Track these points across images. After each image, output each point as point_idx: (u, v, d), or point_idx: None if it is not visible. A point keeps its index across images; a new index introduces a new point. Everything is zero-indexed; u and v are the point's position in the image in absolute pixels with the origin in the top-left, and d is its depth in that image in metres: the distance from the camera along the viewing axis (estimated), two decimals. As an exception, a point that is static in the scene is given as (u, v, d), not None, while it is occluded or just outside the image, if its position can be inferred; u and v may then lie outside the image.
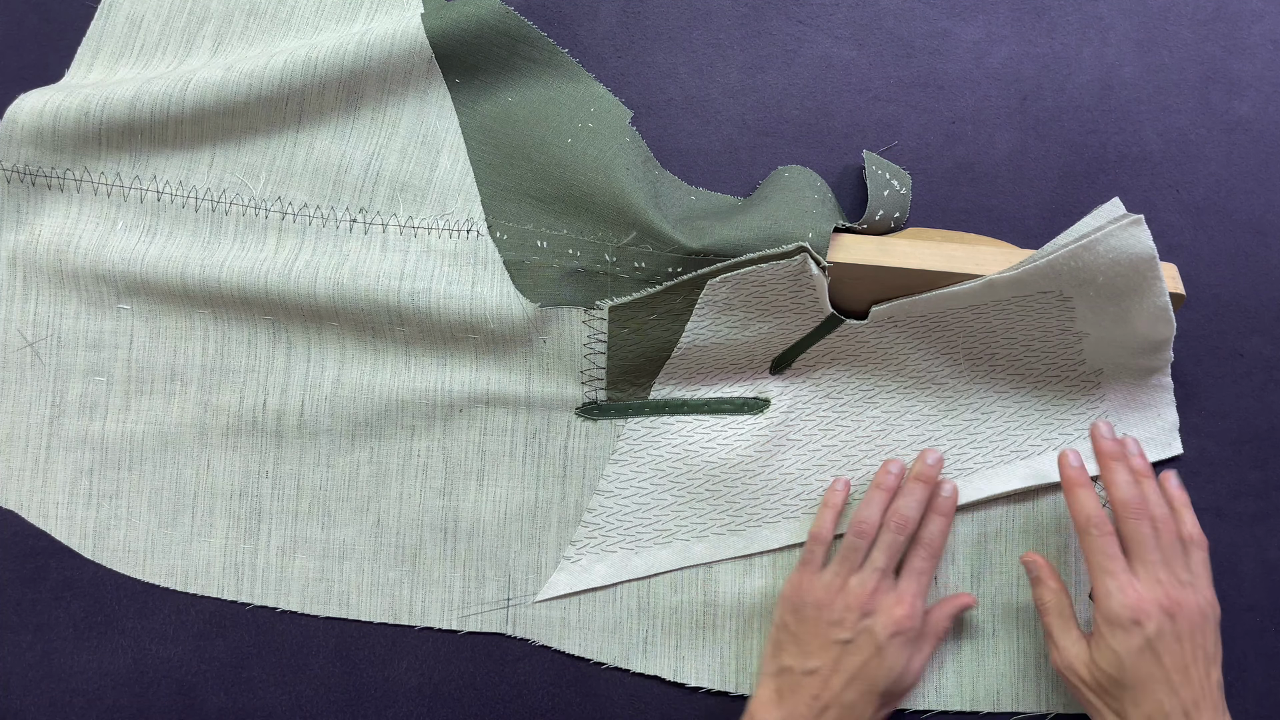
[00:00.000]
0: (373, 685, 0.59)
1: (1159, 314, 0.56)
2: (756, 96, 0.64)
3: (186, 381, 0.60)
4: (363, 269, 0.58)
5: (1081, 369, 0.60)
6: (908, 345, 0.60)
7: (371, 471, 0.60)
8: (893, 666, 0.54)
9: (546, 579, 0.60)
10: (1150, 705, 0.50)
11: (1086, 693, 0.52)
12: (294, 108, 0.59)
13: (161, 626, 0.59)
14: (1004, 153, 0.64)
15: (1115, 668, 0.50)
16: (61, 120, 0.57)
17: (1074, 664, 0.53)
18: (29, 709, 0.58)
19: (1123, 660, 0.50)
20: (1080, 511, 0.54)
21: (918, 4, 0.65)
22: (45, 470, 0.60)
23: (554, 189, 0.59)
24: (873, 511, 0.57)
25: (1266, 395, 0.64)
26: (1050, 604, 0.55)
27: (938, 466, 0.59)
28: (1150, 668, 0.50)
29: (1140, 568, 0.52)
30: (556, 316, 0.59)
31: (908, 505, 0.57)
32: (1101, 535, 0.53)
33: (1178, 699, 0.49)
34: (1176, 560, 0.52)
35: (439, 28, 0.59)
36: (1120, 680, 0.50)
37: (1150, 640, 0.50)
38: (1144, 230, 0.53)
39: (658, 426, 0.61)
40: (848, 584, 0.55)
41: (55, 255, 0.59)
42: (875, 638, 0.54)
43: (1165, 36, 0.66)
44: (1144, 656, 0.50)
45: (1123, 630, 0.50)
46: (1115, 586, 0.51)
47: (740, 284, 0.56)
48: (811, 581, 0.56)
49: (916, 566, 0.57)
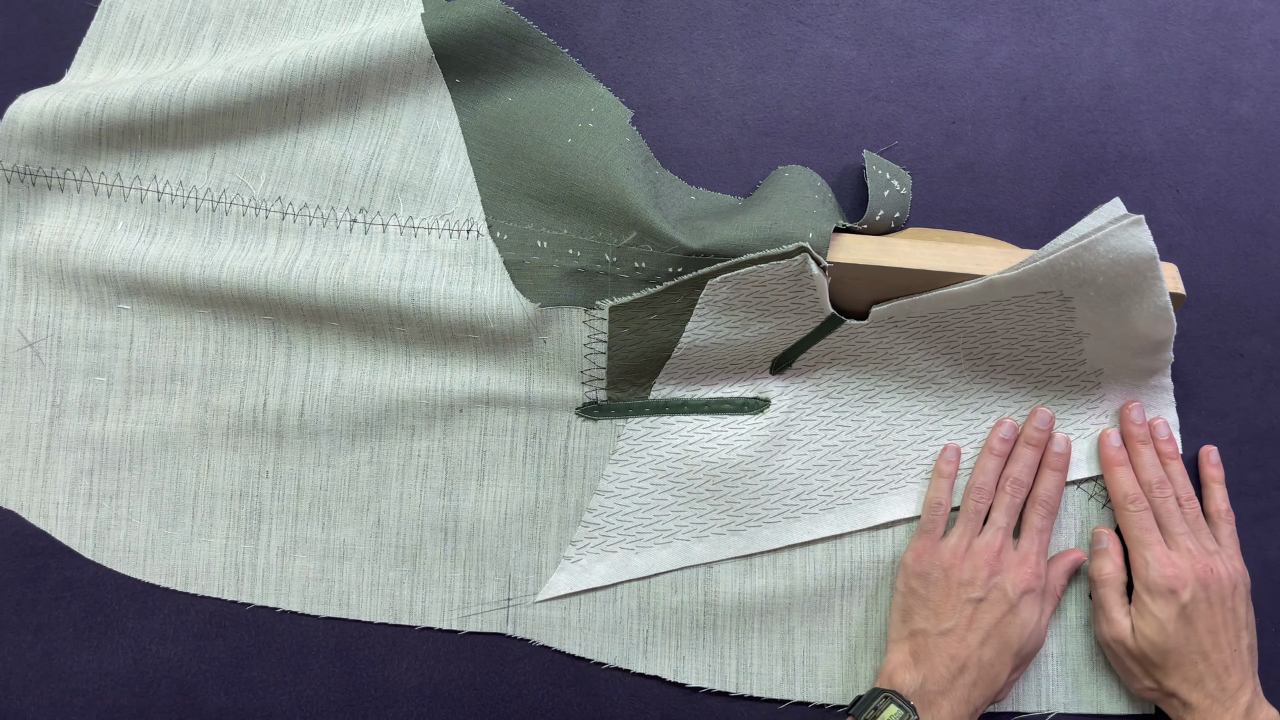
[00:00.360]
0: (373, 685, 0.59)
1: (1159, 314, 0.56)
2: (756, 96, 0.64)
3: (187, 381, 0.60)
4: (363, 269, 0.58)
5: (1082, 369, 0.60)
6: (908, 345, 0.60)
7: (372, 471, 0.60)
8: (1026, 622, 0.55)
9: (547, 579, 0.60)
10: (1186, 669, 0.53)
11: (1130, 662, 0.56)
12: (294, 108, 0.59)
13: (161, 626, 0.59)
14: (1004, 153, 0.64)
15: (1159, 634, 0.54)
16: (61, 120, 0.57)
17: (1122, 635, 0.56)
18: (29, 709, 0.58)
19: (1164, 626, 0.53)
20: (1118, 489, 0.58)
21: (918, 4, 0.65)
22: (45, 470, 0.60)
23: (554, 189, 0.59)
24: (988, 478, 0.59)
25: (1266, 395, 0.64)
26: (1110, 577, 0.57)
27: (1048, 428, 0.60)
28: (1186, 633, 0.53)
29: (1170, 540, 0.56)
30: (556, 316, 0.59)
31: (1020, 470, 0.59)
32: (1138, 510, 0.57)
33: (1209, 663, 0.53)
34: (1203, 532, 0.58)
35: (439, 28, 0.59)
36: (1162, 647, 0.54)
37: (1185, 607, 0.53)
38: (1144, 230, 0.53)
39: (658, 426, 0.61)
40: (972, 545, 0.57)
41: (55, 255, 0.59)
42: (1007, 595, 0.55)
43: (1165, 36, 0.66)
44: (1181, 623, 0.53)
45: (1162, 598, 0.54)
46: (1152, 557, 0.55)
47: (740, 284, 0.56)
48: (935, 547, 0.57)
49: (1035, 524, 0.58)
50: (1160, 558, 0.55)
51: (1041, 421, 0.59)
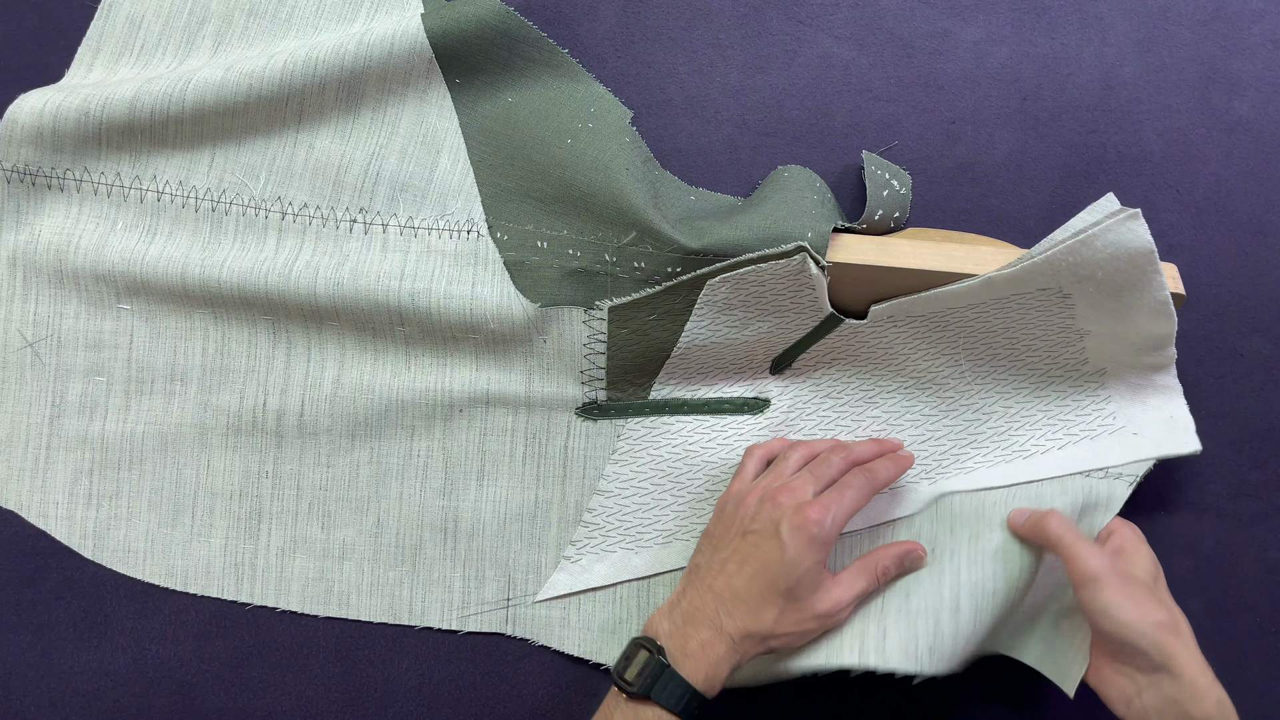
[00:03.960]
0: (373, 685, 0.59)
1: (1159, 308, 0.55)
2: (756, 96, 0.64)
3: (186, 381, 0.60)
4: (363, 269, 0.58)
5: (1084, 368, 0.60)
6: (908, 345, 0.60)
7: (371, 471, 0.60)
8: (794, 562, 0.49)
9: (546, 579, 0.60)
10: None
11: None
12: (294, 108, 0.59)
13: (161, 626, 0.59)
14: (1004, 153, 0.64)
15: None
16: (61, 120, 0.57)
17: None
18: (29, 709, 0.58)
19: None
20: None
21: (918, 4, 0.65)
22: (45, 470, 0.60)
23: (554, 189, 0.59)
24: (821, 444, 0.56)
25: (1266, 395, 0.64)
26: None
27: (900, 448, 0.57)
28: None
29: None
30: (556, 316, 0.59)
31: (861, 448, 0.56)
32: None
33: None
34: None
35: (439, 28, 0.59)
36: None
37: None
38: (1141, 224, 0.53)
39: (658, 426, 0.61)
40: (769, 484, 0.53)
41: (55, 255, 0.59)
42: (778, 529, 0.50)
43: (1165, 36, 0.66)
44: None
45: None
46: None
47: (740, 284, 0.56)
48: (738, 484, 0.55)
49: (848, 482, 0.53)
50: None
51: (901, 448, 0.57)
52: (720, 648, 0.49)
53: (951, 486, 0.61)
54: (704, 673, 0.49)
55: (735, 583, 0.50)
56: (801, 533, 0.50)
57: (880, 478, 0.54)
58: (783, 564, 0.50)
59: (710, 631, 0.50)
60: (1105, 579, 0.47)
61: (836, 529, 0.51)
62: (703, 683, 0.49)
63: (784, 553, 0.50)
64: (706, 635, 0.50)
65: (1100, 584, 0.47)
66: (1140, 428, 0.60)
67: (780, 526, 0.50)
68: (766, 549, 0.50)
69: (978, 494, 0.60)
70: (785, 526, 0.50)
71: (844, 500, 0.52)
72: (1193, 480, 0.63)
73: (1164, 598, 0.51)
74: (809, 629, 0.51)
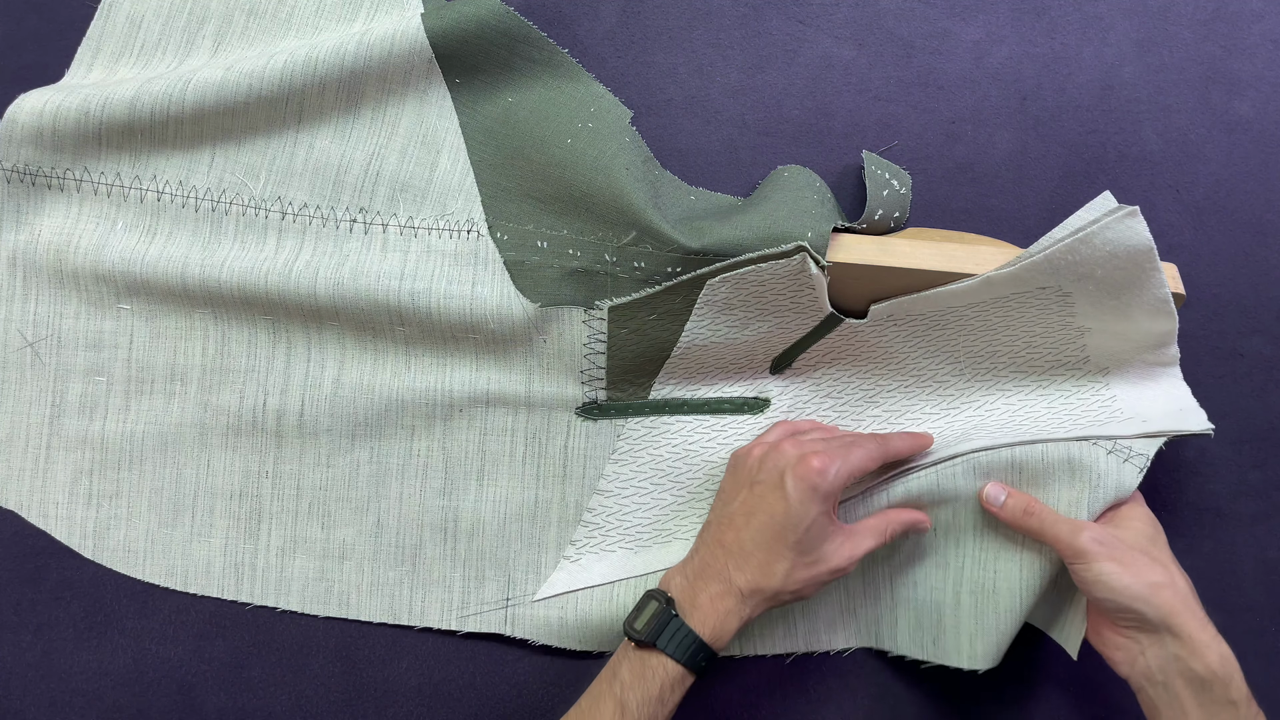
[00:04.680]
0: (373, 685, 0.59)
1: (1159, 306, 0.55)
2: (756, 96, 0.64)
3: (186, 381, 0.60)
4: (363, 269, 0.58)
5: (1086, 365, 0.60)
6: (908, 344, 0.60)
7: (371, 471, 0.60)
8: (798, 514, 0.50)
9: (546, 579, 0.60)
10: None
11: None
12: (294, 108, 0.59)
13: (161, 626, 0.59)
14: (1004, 153, 0.64)
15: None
16: (61, 120, 0.57)
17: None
18: (29, 709, 0.58)
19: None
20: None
21: (918, 4, 0.65)
22: (45, 470, 0.60)
23: (554, 189, 0.59)
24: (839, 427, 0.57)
25: (1266, 395, 0.64)
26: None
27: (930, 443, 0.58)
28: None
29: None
30: (556, 316, 0.59)
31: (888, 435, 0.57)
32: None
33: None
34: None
35: (439, 28, 0.59)
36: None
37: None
38: (1140, 222, 0.52)
39: (658, 426, 0.61)
40: (780, 440, 0.54)
41: (55, 255, 0.59)
42: (782, 476, 0.51)
43: (1165, 36, 0.66)
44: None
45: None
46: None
47: (739, 284, 0.56)
48: (751, 444, 0.56)
49: (859, 443, 0.53)
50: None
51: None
52: (729, 601, 0.50)
53: (957, 450, 0.58)
54: (711, 625, 0.49)
55: (743, 536, 0.51)
56: (804, 482, 0.50)
57: (893, 445, 0.55)
58: (788, 516, 0.50)
59: (720, 585, 0.50)
60: (1092, 551, 0.49)
61: (841, 481, 0.51)
62: (710, 635, 0.49)
63: (788, 504, 0.50)
64: (716, 589, 0.50)
65: (1089, 557, 0.49)
66: (1149, 417, 0.58)
67: (785, 476, 0.51)
68: (771, 500, 0.51)
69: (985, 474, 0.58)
70: (789, 477, 0.51)
71: (851, 456, 0.52)
72: (1193, 480, 0.63)
73: (1160, 556, 0.51)
74: (821, 582, 0.52)
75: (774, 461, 0.52)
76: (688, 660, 0.49)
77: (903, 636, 0.60)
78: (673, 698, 0.49)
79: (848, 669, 0.61)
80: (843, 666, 0.61)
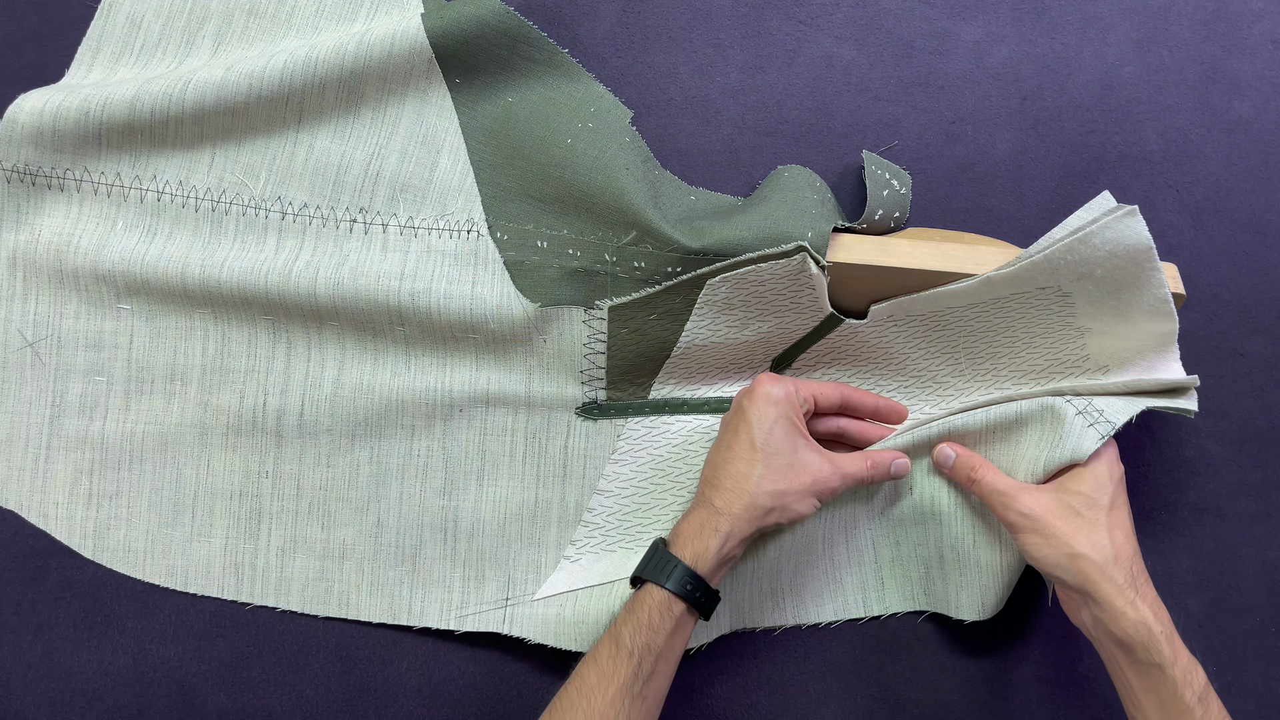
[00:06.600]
0: (373, 685, 0.59)
1: (1159, 306, 0.55)
2: (756, 96, 0.64)
3: (186, 381, 0.60)
4: (363, 269, 0.58)
5: (1086, 364, 0.60)
6: (908, 344, 0.60)
7: (371, 471, 0.60)
8: (755, 417, 0.54)
9: (546, 579, 0.60)
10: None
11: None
12: (294, 108, 0.59)
13: (161, 626, 0.59)
14: (1004, 153, 0.64)
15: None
16: (61, 120, 0.57)
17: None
18: (29, 709, 0.58)
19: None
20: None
21: (918, 4, 0.65)
22: (45, 470, 0.60)
23: (554, 189, 0.59)
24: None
25: (1266, 395, 0.64)
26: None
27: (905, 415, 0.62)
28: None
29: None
30: (556, 316, 0.59)
31: (859, 393, 0.60)
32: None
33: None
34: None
35: (439, 28, 0.59)
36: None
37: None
38: (1139, 221, 0.52)
39: (658, 426, 0.61)
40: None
41: (55, 255, 0.59)
42: (741, 400, 0.55)
43: (1165, 36, 0.66)
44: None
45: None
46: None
47: (740, 284, 0.56)
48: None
49: (829, 376, 0.60)
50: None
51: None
52: (706, 520, 0.52)
53: (933, 415, 0.62)
54: (692, 547, 0.52)
55: (714, 458, 0.55)
56: (759, 395, 0.55)
57: (855, 394, 0.59)
58: (746, 422, 0.54)
59: (702, 512, 0.53)
60: (1017, 524, 0.53)
61: (794, 391, 0.55)
62: (690, 556, 0.52)
63: (744, 414, 0.54)
64: (697, 515, 0.53)
65: (1014, 529, 0.54)
66: (1146, 399, 0.56)
67: (743, 400, 0.55)
68: (734, 420, 0.55)
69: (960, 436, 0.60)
70: (746, 398, 0.55)
71: (819, 385, 0.58)
72: (1193, 480, 0.63)
73: (1096, 518, 0.52)
74: (801, 493, 0.53)
75: (739, 396, 0.56)
76: (673, 585, 0.51)
77: (891, 595, 0.62)
78: (663, 624, 0.50)
79: (848, 669, 0.61)
80: (843, 666, 0.61)
